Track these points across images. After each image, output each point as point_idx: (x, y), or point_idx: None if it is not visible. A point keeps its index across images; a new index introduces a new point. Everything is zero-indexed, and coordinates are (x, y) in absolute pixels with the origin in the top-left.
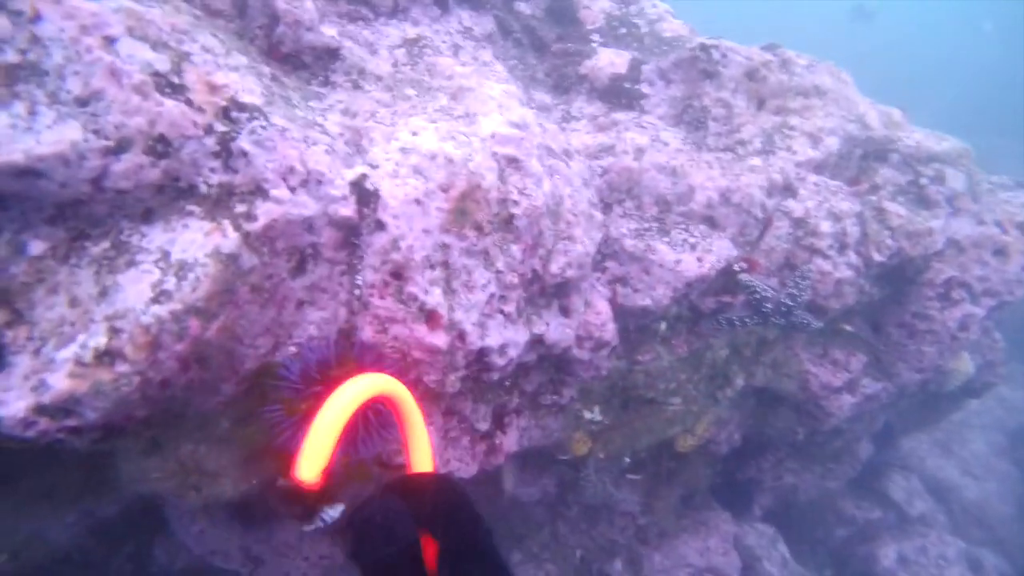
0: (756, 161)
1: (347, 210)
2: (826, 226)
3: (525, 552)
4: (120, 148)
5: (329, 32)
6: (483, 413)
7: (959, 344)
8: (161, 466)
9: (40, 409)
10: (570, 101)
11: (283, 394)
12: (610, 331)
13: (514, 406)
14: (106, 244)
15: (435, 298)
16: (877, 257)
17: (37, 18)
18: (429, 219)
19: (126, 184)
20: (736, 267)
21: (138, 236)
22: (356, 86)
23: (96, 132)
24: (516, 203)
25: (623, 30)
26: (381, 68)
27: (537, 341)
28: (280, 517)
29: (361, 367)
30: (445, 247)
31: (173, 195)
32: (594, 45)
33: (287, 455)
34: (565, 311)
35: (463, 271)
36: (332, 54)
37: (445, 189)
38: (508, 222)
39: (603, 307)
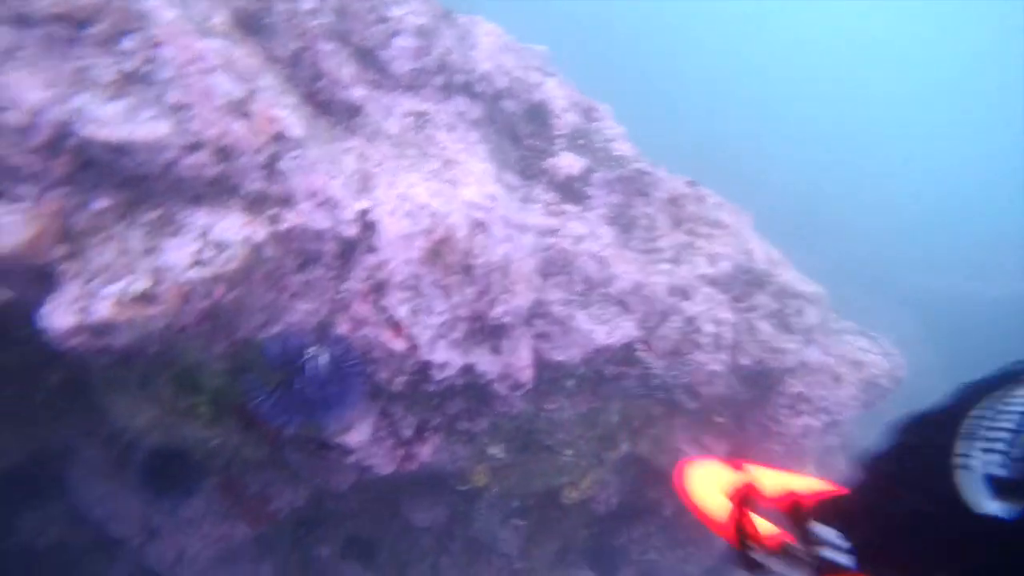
0: (666, 266)
1: (351, 231)
2: (709, 327)
3: None
4: (194, 148)
5: (358, 93)
6: (409, 422)
7: (800, 449)
8: (149, 398)
9: (82, 328)
10: (532, 187)
11: (262, 366)
12: (527, 375)
13: (435, 424)
14: (158, 213)
15: (402, 312)
16: (744, 361)
17: (158, 45)
18: (411, 252)
19: (189, 174)
20: (636, 345)
21: (184, 214)
22: (370, 139)
23: (181, 133)
24: (477, 256)
25: (582, 141)
26: (392, 129)
27: (469, 368)
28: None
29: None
30: (418, 276)
31: (220, 190)
32: (557, 148)
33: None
34: (496, 350)
35: (427, 298)
36: (356, 110)
37: (428, 233)
38: (469, 269)
39: (526, 355)
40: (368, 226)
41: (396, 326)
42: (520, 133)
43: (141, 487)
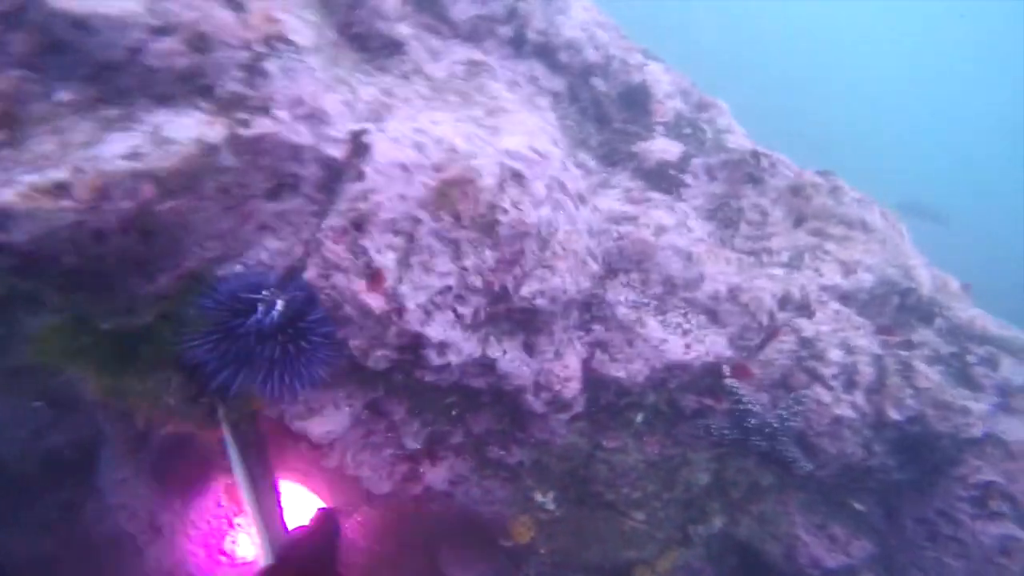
0: (777, 271)
1: (336, 152)
2: (835, 354)
3: None
4: (164, 31)
5: (403, 30)
6: (416, 430)
7: (997, 573)
8: (66, 328)
9: None
10: (614, 173)
11: (205, 307)
12: (572, 390)
13: (456, 443)
14: (119, 111)
15: (386, 261)
16: (892, 414)
17: None
18: (410, 188)
19: (157, 63)
20: (724, 369)
21: (147, 113)
22: (406, 78)
23: (152, 12)
24: (506, 212)
25: (688, 130)
26: (436, 73)
27: (488, 365)
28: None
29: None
30: (416, 220)
31: (191, 89)
32: (655, 135)
33: None
34: (529, 348)
35: (426, 251)
36: (396, 47)
37: (437, 169)
38: (491, 227)
39: (573, 363)
40: (360, 149)
41: (374, 276)
42: (610, 116)
43: (152, 476)
